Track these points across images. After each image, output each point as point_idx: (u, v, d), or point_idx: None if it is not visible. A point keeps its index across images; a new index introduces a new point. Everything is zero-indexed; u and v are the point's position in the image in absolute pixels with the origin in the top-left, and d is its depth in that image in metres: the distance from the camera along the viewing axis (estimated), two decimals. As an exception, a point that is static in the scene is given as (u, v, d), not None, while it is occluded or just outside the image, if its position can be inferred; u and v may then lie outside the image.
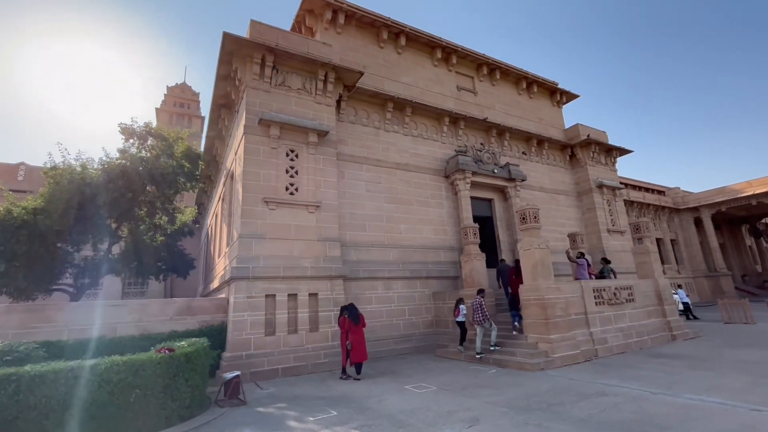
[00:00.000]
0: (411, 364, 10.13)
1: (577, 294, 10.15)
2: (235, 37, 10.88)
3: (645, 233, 12.91)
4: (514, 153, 18.17)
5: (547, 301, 9.32)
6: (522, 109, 19.42)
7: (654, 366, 8.13)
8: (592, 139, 19.50)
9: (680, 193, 37.96)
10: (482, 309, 9.74)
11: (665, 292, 12.27)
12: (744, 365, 7.76)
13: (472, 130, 16.88)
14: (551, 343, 8.94)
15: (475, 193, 16.00)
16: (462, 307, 10.73)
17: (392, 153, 14.40)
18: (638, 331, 10.91)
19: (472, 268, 11.92)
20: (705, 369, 7.61)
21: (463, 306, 10.73)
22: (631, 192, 34.02)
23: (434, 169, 15.25)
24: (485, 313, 9.67)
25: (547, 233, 17.57)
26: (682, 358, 8.88)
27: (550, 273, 9.73)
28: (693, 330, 12.51)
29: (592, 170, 19.88)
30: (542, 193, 18.45)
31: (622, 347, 10.20)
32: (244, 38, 10.94)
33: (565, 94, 21.08)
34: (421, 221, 14.27)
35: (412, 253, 13.63)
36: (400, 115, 14.90)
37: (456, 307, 10.84)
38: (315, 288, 10.65)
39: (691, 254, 36.26)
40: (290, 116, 11.45)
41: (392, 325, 12.37)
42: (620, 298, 10.90)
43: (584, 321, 10.04)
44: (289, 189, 11.16)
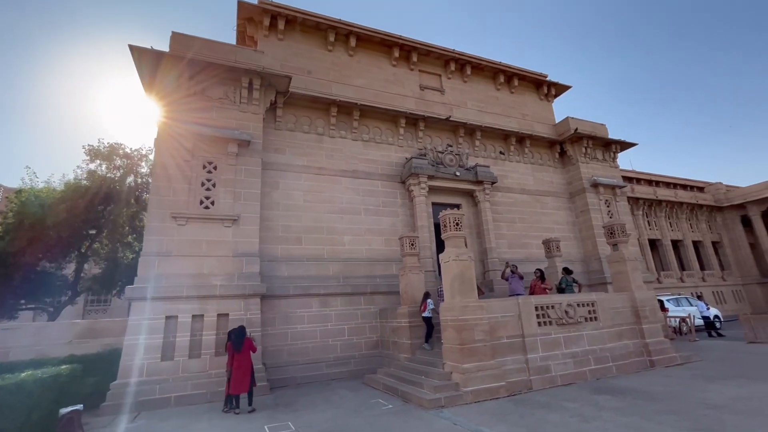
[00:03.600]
0: (324, 393, 8.99)
1: (511, 313, 8.58)
2: (150, 52, 10.59)
3: (620, 238, 10.92)
4: (490, 153, 16.58)
5: (464, 323, 7.88)
6: (501, 105, 17.80)
7: (580, 407, 6.47)
8: (583, 133, 17.41)
9: (722, 189, 33.64)
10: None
11: (646, 308, 10.22)
12: (699, 409, 5.93)
13: (435, 131, 15.59)
14: (463, 374, 7.49)
15: (440, 198, 14.65)
16: (429, 301, 9.96)
17: (337, 160, 13.48)
18: (599, 356, 9.04)
19: (408, 282, 10.61)
20: (641, 414, 5.88)
21: (430, 300, 10.00)
22: (659, 190, 30.52)
23: (389, 175, 14.12)
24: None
25: (530, 240, 15.82)
26: (634, 394, 7.07)
27: (472, 289, 8.28)
28: (687, 354, 10.30)
29: (586, 168, 17.70)
30: (525, 195, 16.64)
31: (572, 377, 8.44)
32: (156, 51, 10.62)
33: (554, 86, 19.13)
34: (370, 231, 13.15)
35: (357, 266, 12.53)
36: (348, 119, 14.00)
37: (423, 301, 10.02)
38: (226, 308, 9.88)
39: (740, 258, 31.82)
40: (206, 126, 10.93)
41: (327, 346, 11.29)
42: (574, 317, 9.12)
43: (521, 345, 8.44)
44: (204, 203, 10.57)
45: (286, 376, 10.44)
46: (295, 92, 12.87)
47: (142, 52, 10.42)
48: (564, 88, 19.47)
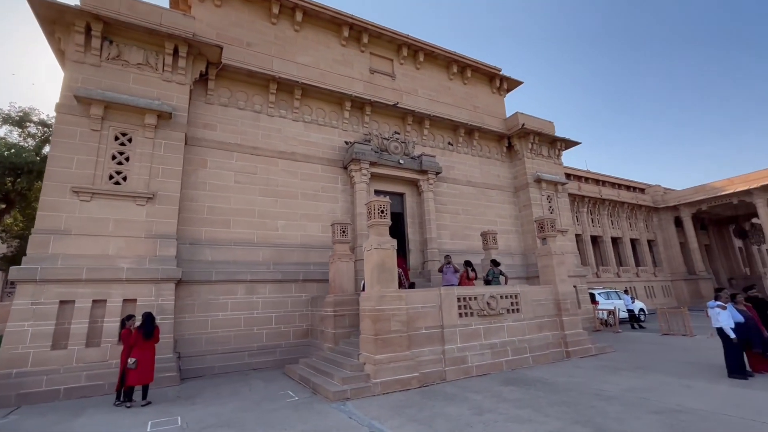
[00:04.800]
0: (237, 384, 8.52)
1: (432, 304, 8.47)
2: (51, 5, 9.35)
3: (549, 232, 11.13)
4: (438, 143, 16.45)
5: (380, 313, 7.66)
6: (453, 95, 17.67)
7: (483, 399, 6.44)
8: (529, 129, 17.67)
9: (660, 191, 35.82)
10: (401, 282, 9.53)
11: (567, 301, 10.51)
12: (592, 400, 6.05)
13: (383, 117, 15.20)
14: (375, 365, 7.29)
15: (383, 186, 14.36)
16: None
17: (275, 140, 12.79)
18: (517, 347, 9.18)
19: (337, 271, 10.28)
20: (535, 406, 5.92)
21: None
22: (604, 190, 31.99)
23: (330, 159, 13.61)
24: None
25: (473, 232, 15.91)
26: (539, 386, 7.17)
27: (392, 278, 8.06)
28: (602, 345, 10.73)
29: (531, 163, 18.05)
30: (470, 187, 16.71)
31: (488, 367, 8.50)
32: (59, 3, 9.40)
33: (506, 81, 19.24)
34: (307, 217, 12.65)
35: (290, 252, 12.02)
36: (289, 98, 13.29)
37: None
38: (134, 293, 9.09)
39: (671, 256, 34.16)
40: (119, 94, 9.90)
41: (252, 335, 10.78)
42: (496, 309, 9.18)
43: (439, 336, 8.36)
44: (115, 178, 9.62)
45: (203, 366, 9.85)
46: (229, 65, 11.98)
47: (41, 4, 9.18)
48: (516, 83, 19.64)
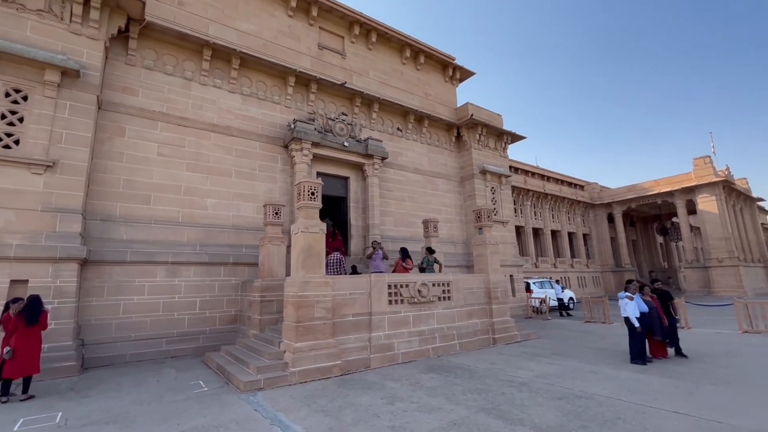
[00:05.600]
0: (146, 373, 7.83)
1: (362, 291, 8.26)
2: None
3: (486, 222, 11.31)
4: (387, 128, 16.15)
5: (304, 299, 7.32)
6: (405, 80, 17.37)
7: (399, 387, 6.37)
8: (477, 120, 17.87)
9: (597, 189, 38.25)
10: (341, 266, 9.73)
11: (498, 290, 10.79)
12: (504, 386, 6.16)
13: (329, 97, 14.58)
14: (294, 354, 6.97)
15: (326, 168, 13.86)
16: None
17: (208, 112, 11.81)
18: (446, 334, 9.27)
19: (267, 254, 9.75)
20: (448, 395, 5.93)
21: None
22: (548, 185, 33.55)
23: (270, 137, 12.84)
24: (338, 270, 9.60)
25: (418, 219, 15.83)
26: (458, 372, 7.24)
27: (319, 264, 7.72)
28: (527, 332, 11.18)
29: (478, 154, 18.34)
30: (417, 175, 16.65)
31: (414, 355, 8.50)
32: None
33: (459, 70, 19.25)
34: (241, 196, 11.90)
35: (220, 233, 11.27)
36: (226, 67, 12.29)
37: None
38: (25, 273, 8.00)
39: (602, 249, 36.74)
40: (12, 43, 8.52)
41: (172, 321, 10.02)
42: (427, 296, 9.18)
43: (367, 324, 8.19)
44: (4, 140, 8.33)
45: (112, 353, 9.00)
46: (156, 23, 10.77)
47: None
48: (469, 74, 19.71)
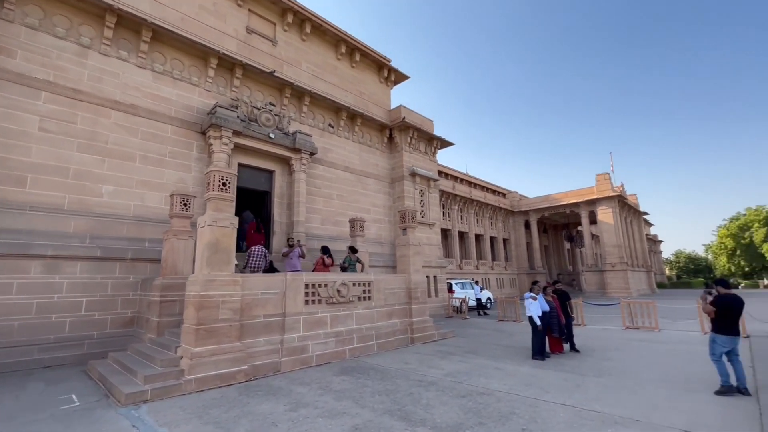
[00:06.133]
0: (3, 388, 6.54)
1: (276, 290, 7.79)
2: None
3: (410, 223, 11.47)
4: (318, 123, 15.69)
5: (206, 300, 6.67)
6: (339, 76, 17.06)
7: (307, 392, 6.07)
8: (410, 123, 18.21)
9: (517, 197, 41.33)
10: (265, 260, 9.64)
11: (418, 290, 10.97)
12: (413, 386, 6.17)
13: (256, 85, 13.75)
14: (192, 359, 6.30)
15: (250, 160, 13.03)
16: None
17: (109, 86, 10.39)
18: (364, 335, 9.16)
19: (171, 249, 8.80)
20: (356, 398, 5.77)
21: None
22: (474, 191, 35.42)
23: (185, 121, 11.70)
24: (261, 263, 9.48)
25: (346, 218, 15.58)
26: (371, 374, 7.13)
27: (227, 261, 7.11)
28: (445, 331, 11.53)
29: (409, 157, 18.69)
30: (348, 173, 16.42)
31: (329, 356, 8.23)
32: None
33: (394, 72, 19.46)
34: (147, 184, 10.65)
35: (118, 225, 9.96)
36: (134, 38, 10.94)
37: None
38: None
39: (519, 253, 39.75)
40: None
41: (48, 324, 8.57)
42: (347, 296, 8.98)
43: (280, 325, 7.75)
44: None
45: (-40, 365, 7.41)
46: (42, -25, 9.19)
47: None
48: (403, 77, 20.01)
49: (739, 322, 5.92)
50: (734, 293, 5.99)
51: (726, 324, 5.79)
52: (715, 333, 5.86)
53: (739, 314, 5.88)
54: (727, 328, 5.78)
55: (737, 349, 5.81)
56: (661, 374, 6.72)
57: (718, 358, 5.78)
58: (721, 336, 5.78)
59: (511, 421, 4.62)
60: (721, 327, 5.82)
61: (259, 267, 9.99)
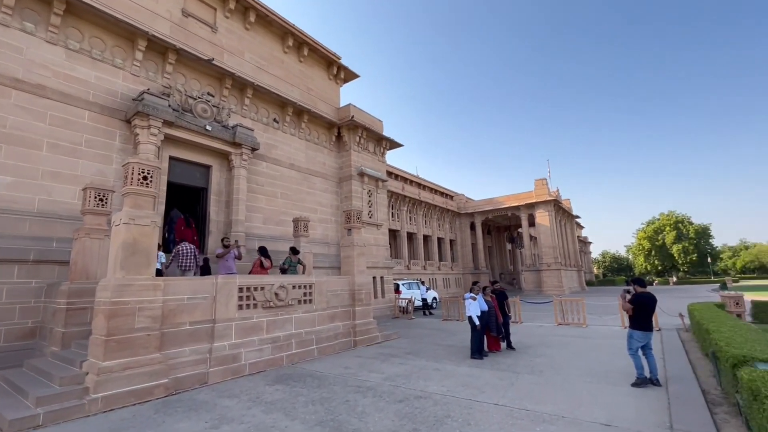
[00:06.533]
0: None
1: (204, 295, 7.18)
2: None
3: (355, 224, 11.25)
4: (262, 117, 14.95)
5: (120, 307, 5.94)
6: (286, 70, 16.41)
7: (235, 405, 5.60)
8: (359, 123, 18.01)
9: (463, 200, 42.75)
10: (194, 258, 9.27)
11: (362, 291, 10.77)
12: (350, 392, 5.93)
13: (193, 73, 12.77)
14: (99, 375, 5.56)
15: (184, 153, 12.03)
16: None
17: (9, 62, 9.02)
18: (304, 340, 8.77)
19: (82, 250, 7.81)
20: (288, 409, 5.42)
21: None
22: (423, 193, 36.03)
23: (106, 107, 10.51)
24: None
25: (290, 218, 14.99)
26: (308, 381, 6.79)
27: (147, 263, 6.40)
28: (389, 333, 11.44)
29: (357, 156, 18.48)
30: (293, 171, 15.82)
31: (265, 364, 7.75)
32: None
33: (344, 70, 19.14)
34: (57, 177, 9.39)
35: (18, 222, 8.65)
36: (43, 9, 9.62)
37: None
38: None
39: (465, 254, 41.11)
40: None
41: None
42: (286, 300, 8.54)
43: (209, 332, 7.14)
44: None
45: None
46: None
47: None
48: (353, 75, 19.76)
49: (652, 318, 6.41)
50: (649, 292, 6.48)
51: (641, 320, 6.24)
52: (632, 329, 6.29)
53: (653, 311, 6.37)
54: (643, 324, 6.22)
55: (650, 343, 6.28)
56: (587, 369, 7.10)
57: (635, 352, 6.20)
58: (637, 332, 6.21)
59: (445, 425, 4.56)
60: (637, 323, 6.25)
61: (190, 266, 9.24)
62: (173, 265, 9.20)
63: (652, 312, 6.33)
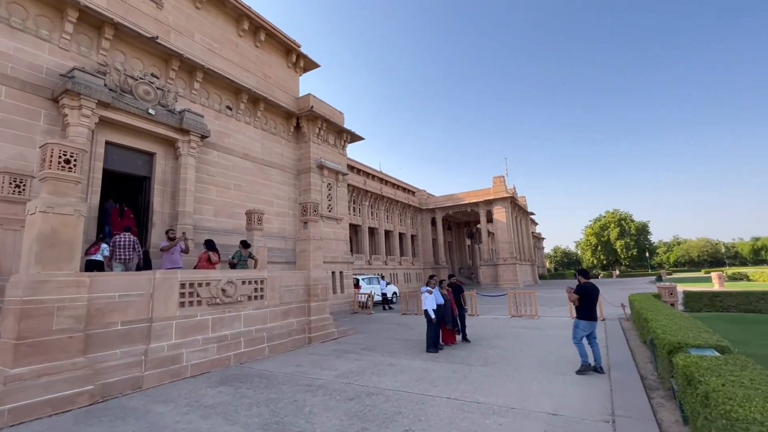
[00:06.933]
0: None
1: (140, 291, 6.56)
2: None
3: (311, 217, 10.88)
4: (214, 103, 14.07)
5: (34, 306, 5.25)
6: (241, 55, 15.55)
7: (170, 411, 5.14)
8: (318, 113, 17.49)
9: (425, 195, 43.21)
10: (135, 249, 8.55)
11: (318, 287, 10.44)
12: (299, 392, 5.64)
13: (134, 51, 11.71)
14: (6, 384, 4.87)
15: (123, 139, 11.01)
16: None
17: None
18: (254, 338, 8.32)
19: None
20: (228, 413, 5.04)
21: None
22: (385, 188, 35.95)
23: (28, 83, 9.36)
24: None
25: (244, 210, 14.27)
26: (255, 381, 6.41)
27: (69, 257, 5.70)
28: (345, 328, 11.21)
29: (317, 148, 17.97)
30: (248, 161, 15.06)
31: (209, 365, 7.25)
32: None
33: (303, 59, 18.49)
34: (-36, 160, 8.22)
35: None
36: (-54, -35, 8.35)
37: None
38: None
39: (425, 249, 41.61)
40: None
41: None
42: (234, 296, 8.05)
43: (144, 333, 6.54)
44: None
45: None
46: None
47: None
48: (314, 65, 19.16)
49: (596, 308, 6.64)
50: (592, 282, 6.71)
51: (586, 310, 6.45)
52: (578, 319, 6.49)
53: (596, 300, 6.60)
54: (587, 314, 6.43)
55: (595, 332, 6.51)
56: (537, 359, 7.27)
57: (579, 341, 6.41)
58: (582, 321, 6.42)
59: (395, 423, 4.40)
60: (583, 313, 6.46)
61: (128, 258, 8.47)
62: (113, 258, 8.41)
63: (595, 301, 6.56)
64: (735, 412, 2.42)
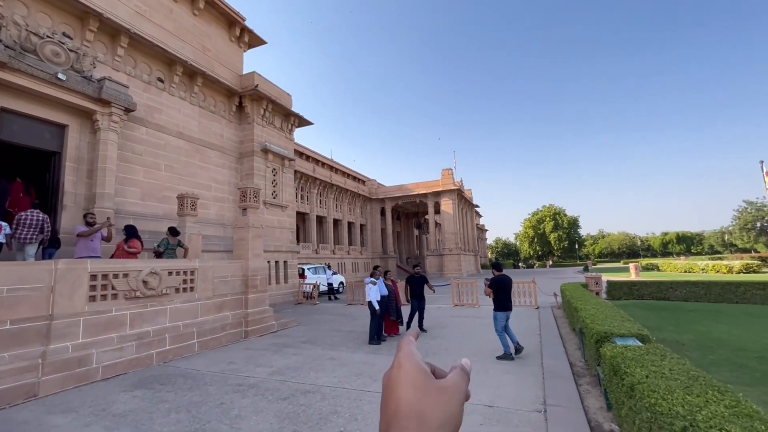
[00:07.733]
0: None
1: (36, 284, 5.62)
2: None
3: (251, 203, 10.17)
4: (142, 73, 12.59)
5: None
6: (176, 23, 14.06)
7: (69, 423, 4.45)
8: (263, 93, 16.44)
9: (375, 185, 43.07)
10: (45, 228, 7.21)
11: (257, 277, 9.83)
12: (227, 393, 5.17)
13: (41, 5, 10.06)
14: None
15: (25, 106, 9.45)
16: None
17: None
18: (181, 334, 7.61)
19: None
20: (141, 422, 4.46)
21: None
22: (335, 176, 35.23)
23: None
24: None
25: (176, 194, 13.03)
26: (179, 382, 5.82)
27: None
28: (286, 321, 10.74)
29: (261, 131, 16.94)
30: (182, 140, 13.76)
31: (126, 365, 6.48)
32: None
33: (248, 33, 17.22)
34: None
35: None
36: None
37: None
38: None
39: (374, 238, 41.62)
40: None
41: None
42: (158, 288, 7.26)
43: (42, 332, 5.64)
44: None
45: None
46: None
47: None
48: (260, 41, 17.94)
49: (510, 298, 6.86)
50: (505, 274, 6.96)
51: (501, 302, 6.70)
52: (495, 311, 6.73)
53: (510, 291, 6.83)
54: (503, 305, 6.70)
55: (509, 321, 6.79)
56: (476, 349, 7.40)
57: (501, 331, 6.64)
58: (499, 313, 6.69)
59: (329, 423, 4.15)
60: (498, 305, 6.71)
61: (32, 239, 7.26)
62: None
63: (509, 292, 6.78)
64: (659, 405, 2.46)
